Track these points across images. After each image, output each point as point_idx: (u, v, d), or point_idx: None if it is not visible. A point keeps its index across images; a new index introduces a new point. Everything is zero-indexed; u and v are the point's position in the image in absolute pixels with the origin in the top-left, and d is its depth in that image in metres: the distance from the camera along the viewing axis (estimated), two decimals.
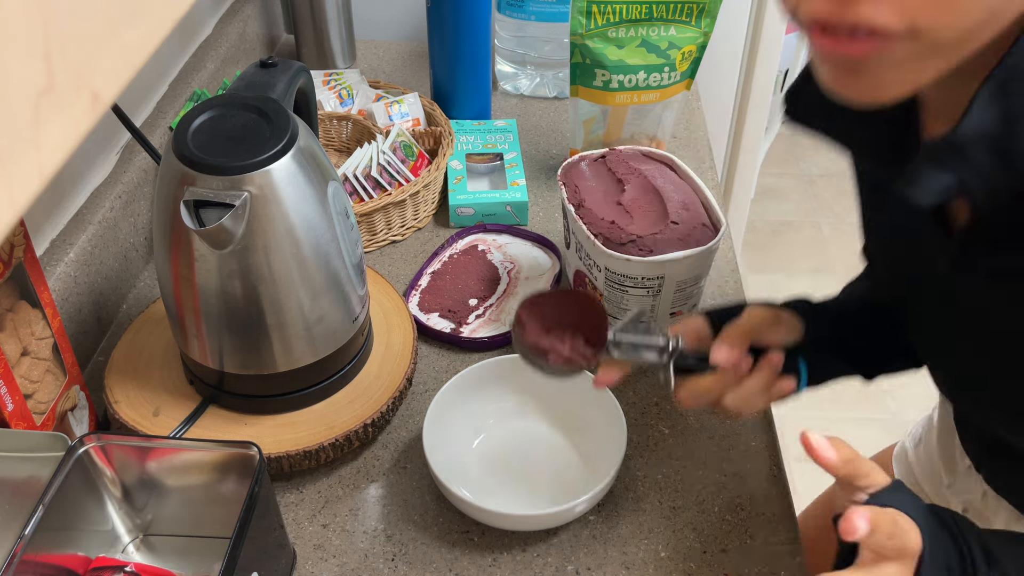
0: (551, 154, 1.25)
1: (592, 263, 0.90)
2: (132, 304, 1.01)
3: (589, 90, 1.08)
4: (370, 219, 1.05)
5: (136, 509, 0.73)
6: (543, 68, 1.35)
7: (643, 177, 0.93)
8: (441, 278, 1.03)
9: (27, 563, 0.62)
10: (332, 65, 1.39)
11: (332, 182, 0.77)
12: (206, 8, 1.25)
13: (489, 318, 0.99)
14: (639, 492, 0.82)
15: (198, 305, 0.76)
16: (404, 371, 0.87)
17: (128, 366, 0.86)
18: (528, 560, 0.77)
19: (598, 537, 0.79)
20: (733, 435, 0.87)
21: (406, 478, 0.84)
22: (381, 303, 0.94)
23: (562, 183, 0.95)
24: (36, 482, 0.66)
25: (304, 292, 0.76)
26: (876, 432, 2.12)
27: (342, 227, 0.78)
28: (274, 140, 0.72)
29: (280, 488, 0.83)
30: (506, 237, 1.10)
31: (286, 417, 0.83)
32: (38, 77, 0.27)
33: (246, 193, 0.70)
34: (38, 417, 0.76)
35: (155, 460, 0.70)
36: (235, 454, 0.69)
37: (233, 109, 0.74)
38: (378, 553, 0.78)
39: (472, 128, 1.22)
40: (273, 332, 0.77)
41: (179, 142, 0.71)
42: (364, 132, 1.19)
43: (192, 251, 0.73)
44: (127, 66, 0.33)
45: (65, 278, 0.88)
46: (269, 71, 0.78)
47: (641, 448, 0.86)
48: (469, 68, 1.22)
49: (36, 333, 0.76)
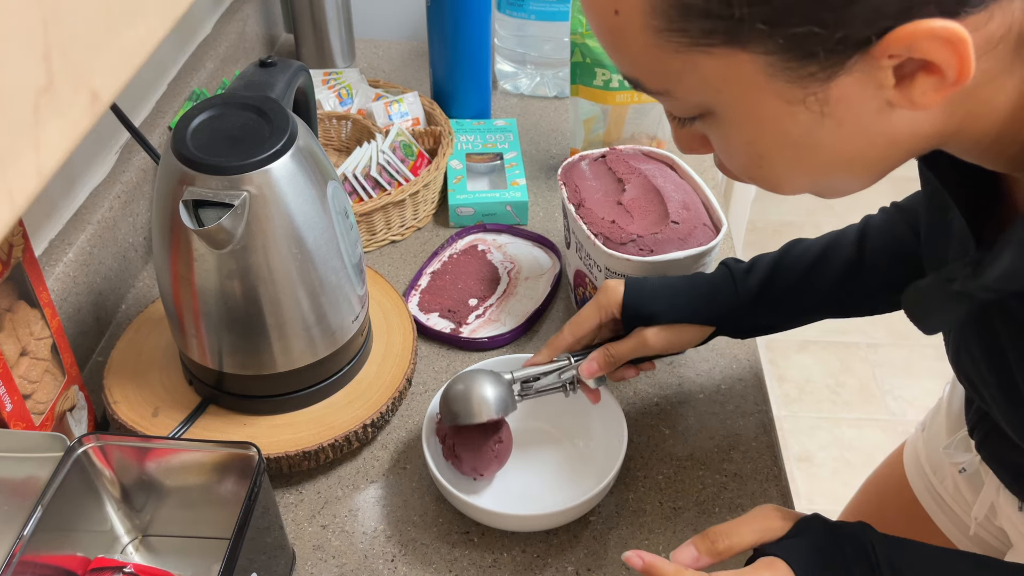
0: (551, 154, 1.25)
1: (592, 263, 0.90)
2: (131, 304, 1.01)
3: (589, 89, 1.08)
4: (369, 219, 1.05)
5: (135, 510, 0.73)
6: (543, 67, 1.35)
7: (643, 177, 0.93)
8: (441, 278, 1.03)
9: (26, 564, 0.62)
10: (331, 64, 1.38)
11: (331, 182, 0.77)
12: (205, 7, 1.25)
13: (489, 318, 0.98)
14: (639, 492, 0.82)
15: (197, 305, 0.75)
16: (404, 371, 0.87)
17: (127, 366, 0.86)
18: (528, 560, 0.77)
19: (598, 537, 0.79)
20: (733, 435, 0.87)
21: (405, 478, 0.84)
22: (381, 303, 0.94)
23: (562, 183, 0.95)
24: (35, 482, 0.66)
25: (303, 292, 0.76)
26: (876, 432, 2.12)
27: (341, 227, 0.78)
28: (273, 140, 0.71)
29: (279, 489, 0.82)
30: (506, 237, 1.10)
31: (285, 417, 0.83)
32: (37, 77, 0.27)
33: (245, 193, 0.70)
34: (37, 417, 0.76)
35: (154, 460, 0.70)
36: (234, 455, 0.68)
37: (232, 109, 0.74)
38: (377, 554, 0.78)
39: (472, 128, 1.22)
40: (272, 332, 0.77)
41: (178, 142, 0.71)
42: (363, 131, 1.19)
43: (191, 251, 0.73)
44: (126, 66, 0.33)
45: (64, 278, 0.87)
46: (268, 70, 0.78)
47: (641, 448, 0.86)
48: (469, 67, 1.22)
49: (35, 333, 0.75)
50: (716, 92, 0.47)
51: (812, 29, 0.42)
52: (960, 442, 0.84)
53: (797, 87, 0.45)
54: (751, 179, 0.54)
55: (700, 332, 0.80)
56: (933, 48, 0.42)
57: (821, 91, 0.45)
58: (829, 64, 0.43)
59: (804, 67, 0.44)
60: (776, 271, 0.79)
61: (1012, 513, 0.76)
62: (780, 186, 0.53)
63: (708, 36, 0.44)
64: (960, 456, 0.84)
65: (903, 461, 0.97)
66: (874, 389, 2.23)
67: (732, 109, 0.48)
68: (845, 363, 2.29)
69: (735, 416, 0.89)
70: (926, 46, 0.42)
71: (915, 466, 0.94)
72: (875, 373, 2.26)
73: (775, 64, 0.44)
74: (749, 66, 0.45)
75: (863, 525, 0.61)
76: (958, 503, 0.87)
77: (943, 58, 0.42)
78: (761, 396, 0.91)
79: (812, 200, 2.76)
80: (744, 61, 0.45)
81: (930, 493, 0.91)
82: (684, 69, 0.47)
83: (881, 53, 0.42)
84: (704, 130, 0.52)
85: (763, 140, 0.49)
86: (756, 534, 0.62)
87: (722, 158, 0.53)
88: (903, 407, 2.18)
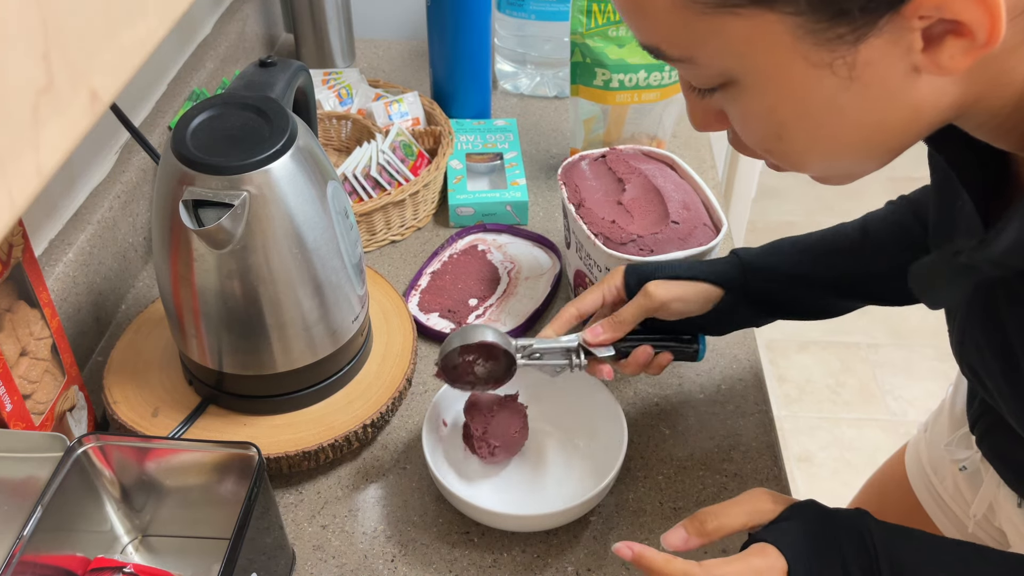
0: (551, 154, 1.25)
1: (592, 263, 0.90)
2: (131, 304, 1.01)
3: (589, 89, 1.08)
4: (369, 219, 1.05)
5: (135, 510, 0.73)
6: (543, 67, 1.35)
7: (644, 177, 0.93)
8: (441, 278, 1.03)
9: (26, 564, 0.62)
10: (331, 64, 1.38)
11: (331, 182, 0.77)
12: (205, 7, 1.25)
13: (489, 318, 0.98)
14: (639, 492, 0.82)
15: (197, 305, 0.75)
16: (404, 371, 0.87)
17: (127, 366, 0.86)
18: (528, 561, 0.77)
19: (598, 537, 0.79)
20: (733, 435, 0.87)
21: (405, 478, 0.84)
22: (381, 303, 0.94)
23: (562, 183, 0.95)
24: (34, 483, 0.66)
25: (303, 292, 0.76)
26: (876, 432, 2.12)
27: (341, 227, 0.78)
28: (273, 140, 0.71)
29: (279, 489, 0.82)
30: (506, 237, 1.10)
31: (285, 418, 0.83)
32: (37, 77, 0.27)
33: (245, 193, 0.70)
34: (36, 417, 0.76)
35: (154, 461, 0.70)
36: (234, 455, 0.68)
37: (232, 108, 0.74)
38: (377, 554, 0.78)
39: (472, 127, 1.22)
40: (272, 332, 0.77)
41: (178, 142, 0.71)
42: (363, 131, 1.19)
43: (191, 251, 0.73)
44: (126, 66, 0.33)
45: (64, 278, 0.87)
46: (268, 70, 0.78)
47: (641, 448, 0.86)
48: (469, 67, 1.22)
49: (35, 333, 0.75)
50: (740, 57, 0.47)
51: None
52: (961, 439, 0.84)
53: (825, 50, 0.45)
54: (768, 151, 0.53)
55: (706, 291, 0.79)
56: (965, 7, 0.41)
57: (849, 54, 0.44)
58: (859, 25, 0.43)
59: (833, 28, 0.43)
60: (779, 243, 0.82)
61: (1011, 511, 0.76)
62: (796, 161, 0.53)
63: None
64: (961, 453, 0.84)
65: (905, 462, 0.97)
66: (874, 389, 2.23)
67: (756, 75, 0.48)
68: (845, 363, 2.29)
69: (735, 416, 0.89)
70: (958, 5, 0.41)
71: (916, 466, 0.94)
72: (875, 373, 2.26)
73: (804, 25, 0.44)
74: (777, 27, 0.44)
75: (861, 512, 0.61)
76: (958, 503, 0.87)
77: (974, 17, 0.41)
78: (761, 396, 0.91)
79: (812, 200, 2.77)
80: (772, 22, 0.44)
81: (930, 493, 0.91)
82: (709, 32, 0.46)
83: (912, 13, 0.42)
84: (723, 102, 0.52)
85: (785, 107, 0.49)
86: (746, 516, 0.63)
87: (739, 130, 0.53)
88: (904, 407, 2.18)
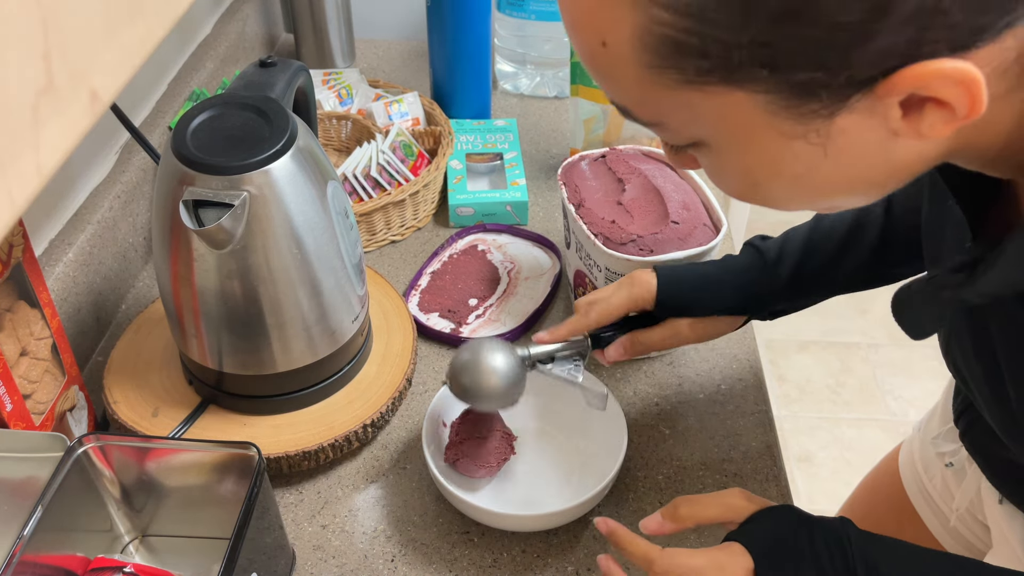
0: (551, 154, 1.25)
1: (592, 263, 0.90)
2: (131, 304, 1.01)
3: (589, 89, 1.08)
4: (369, 219, 1.05)
5: (135, 510, 0.73)
6: (543, 67, 1.35)
7: (643, 177, 0.93)
8: (441, 278, 1.03)
9: (26, 564, 0.62)
10: (331, 64, 1.38)
11: (331, 182, 0.77)
12: (205, 7, 1.25)
13: (489, 318, 0.98)
14: (639, 492, 0.82)
15: (197, 305, 0.75)
16: (404, 371, 0.87)
17: (127, 366, 0.86)
18: (528, 560, 0.77)
19: (598, 537, 0.79)
20: (733, 435, 0.87)
21: (405, 478, 0.84)
22: (381, 303, 0.94)
23: (562, 183, 0.95)
24: (35, 483, 0.66)
25: (303, 292, 0.76)
26: (876, 432, 2.12)
27: (341, 227, 0.78)
28: (273, 140, 0.71)
29: (279, 489, 0.82)
30: (506, 237, 1.10)
31: (285, 417, 0.83)
32: (37, 77, 0.27)
33: (245, 193, 0.70)
34: (37, 417, 0.76)
35: (154, 461, 0.70)
36: (234, 455, 0.68)
37: (232, 109, 0.74)
38: (377, 554, 0.78)
39: (472, 127, 1.22)
40: (272, 332, 0.77)
41: (178, 142, 0.71)
42: (363, 131, 1.19)
43: (191, 251, 0.73)
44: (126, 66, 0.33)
45: (64, 278, 0.87)
46: (268, 70, 0.78)
47: (641, 448, 0.86)
48: (469, 67, 1.22)
49: (35, 333, 0.75)
50: (712, 127, 0.46)
51: (815, 73, 0.40)
52: (948, 432, 0.85)
53: (798, 124, 0.43)
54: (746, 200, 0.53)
55: (733, 321, 0.81)
56: (943, 87, 0.40)
57: (823, 126, 0.43)
58: (832, 102, 0.42)
59: (805, 104, 0.42)
60: (807, 254, 0.78)
61: (993, 506, 0.77)
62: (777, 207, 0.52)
63: (703, 75, 0.42)
64: (947, 446, 0.85)
65: (898, 459, 0.98)
66: (874, 389, 2.23)
67: (727, 143, 0.47)
68: (845, 363, 2.29)
69: (735, 416, 0.89)
70: (935, 85, 0.40)
71: (909, 465, 0.94)
72: (875, 373, 2.26)
73: (774, 101, 0.42)
74: (746, 103, 0.43)
75: (843, 520, 0.61)
76: (944, 499, 0.88)
77: (953, 96, 0.40)
78: (761, 396, 0.91)
79: None
80: (741, 99, 0.43)
81: (919, 488, 0.92)
82: (678, 104, 0.45)
83: (887, 92, 0.41)
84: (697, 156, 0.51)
85: (760, 171, 0.48)
86: (719, 508, 0.64)
87: (715, 182, 0.52)
88: (903, 407, 2.18)
